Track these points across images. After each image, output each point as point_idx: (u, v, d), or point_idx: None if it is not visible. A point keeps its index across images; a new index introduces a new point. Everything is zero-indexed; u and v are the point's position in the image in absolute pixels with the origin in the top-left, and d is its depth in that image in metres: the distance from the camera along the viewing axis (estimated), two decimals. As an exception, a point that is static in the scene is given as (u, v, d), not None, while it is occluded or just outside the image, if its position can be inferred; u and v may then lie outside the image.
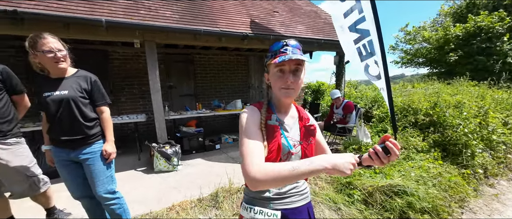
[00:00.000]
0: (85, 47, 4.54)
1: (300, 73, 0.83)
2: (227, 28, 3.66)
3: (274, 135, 0.83)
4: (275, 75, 0.83)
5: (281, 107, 0.92)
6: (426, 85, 6.20)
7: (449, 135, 3.47)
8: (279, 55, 0.80)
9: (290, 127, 0.91)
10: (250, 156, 0.73)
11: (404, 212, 2.31)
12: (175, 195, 2.70)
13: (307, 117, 0.98)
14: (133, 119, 3.95)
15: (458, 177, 2.85)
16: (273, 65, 0.82)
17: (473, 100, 4.32)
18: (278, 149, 0.81)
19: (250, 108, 0.89)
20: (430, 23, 12.90)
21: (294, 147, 0.87)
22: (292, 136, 0.89)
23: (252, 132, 0.80)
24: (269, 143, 0.81)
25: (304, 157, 0.87)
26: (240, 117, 0.87)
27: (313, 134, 0.95)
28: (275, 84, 0.84)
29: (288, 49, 0.82)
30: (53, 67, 1.56)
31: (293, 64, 0.81)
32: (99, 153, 1.72)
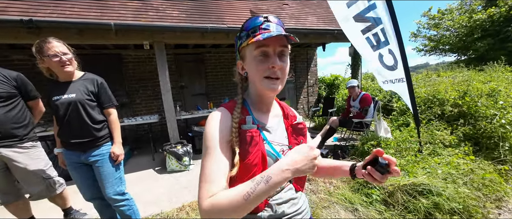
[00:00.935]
0: (100, 52, 4.72)
1: (286, 57, 0.66)
2: (234, 24, 3.59)
3: (254, 143, 0.64)
4: (255, 60, 0.64)
5: (261, 105, 0.73)
6: (453, 74, 5.68)
7: (482, 127, 3.12)
8: (261, 33, 0.62)
9: (274, 128, 0.73)
10: (204, 183, 0.59)
11: (430, 214, 2.09)
12: (185, 195, 2.70)
13: (293, 114, 0.81)
14: (146, 120, 4.03)
15: (494, 173, 2.54)
16: (253, 47, 0.63)
17: (510, 87, 3.86)
18: (262, 160, 0.64)
19: (216, 112, 0.68)
20: (457, 6, 11.83)
21: (283, 154, 0.70)
22: (278, 139, 0.71)
23: (213, 147, 0.62)
24: (249, 154, 0.62)
25: None
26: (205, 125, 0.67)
27: (303, 134, 0.77)
28: (255, 72, 0.65)
29: (271, 26, 0.63)
30: (60, 71, 1.59)
31: (279, 45, 0.63)
32: (107, 155, 1.73)
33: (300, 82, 6.85)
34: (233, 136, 0.63)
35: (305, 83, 6.93)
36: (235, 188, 0.56)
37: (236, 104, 0.69)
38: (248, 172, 0.62)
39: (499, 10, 8.80)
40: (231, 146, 0.64)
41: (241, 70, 0.71)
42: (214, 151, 0.62)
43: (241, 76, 0.72)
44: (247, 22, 0.66)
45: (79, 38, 3.01)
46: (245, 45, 0.65)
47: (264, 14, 0.66)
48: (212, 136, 0.63)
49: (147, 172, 3.56)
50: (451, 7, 11.82)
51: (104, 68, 4.79)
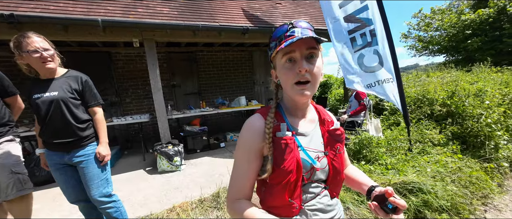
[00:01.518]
0: (89, 50, 4.58)
1: (316, 59, 0.64)
2: (226, 22, 3.54)
3: (288, 150, 0.64)
4: (284, 68, 0.64)
5: (296, 111, 0.73)
6: (442, 74, 5.81)
7: (469, 126, 3.20)
8: (286, 40, 0.62)
9: (309, 134, 0.72)
10: (230, 186, 0.71)
11: (420, 212, 2.12)
12: (176, 195, 2.65)
13: (330, 119, 0.79)
14: (136, 119, 3.94)
15: (481, 171, 2.61)
16: (280, 55, 0.64)
17: (496, 87, 3.97)
18: (297, 168, 0.64)
19: (251, 118, 0.70)
20: (446, 8, 12.13)
21: (318, 160, 0.69)
22: (313, 146, 0.71)
23: (241, 155, 0.69)
24: (284, 161, 0.64)
25: (332, 170, 0.71)
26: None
27: (340, 140, 0.75)
28: (285, 79, 0.65)
29: (296, 31, 0.63)
30: (40, 67, 1.51)
31: (306, 48, 0.62)
32: (93, 156, 1.67)
33: (293, 81, 6.86)
34: (266, 142, 0.65)
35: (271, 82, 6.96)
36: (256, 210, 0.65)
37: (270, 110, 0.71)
38: (283, 177, 0.64)
39: (488, 11, 9.05)
40: (263, 152, 0.68)
41: (275, 79, 0.73)
42: (242, 158, 0.69)
43: (275, 84, 0.75)
44: (275, 31, 0.68)
45: (64, 34, 2.90)
46: (274, 54, 0.67)
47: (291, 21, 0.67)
48: (243, 143, 0.69)
49: (137, 173, 3.48)
50: (441, 8, 12.12)
51: (93, 66, 4.65)
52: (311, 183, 0.70)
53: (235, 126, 6.04)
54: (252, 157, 0.67)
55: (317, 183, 0.71)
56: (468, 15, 9.69)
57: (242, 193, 0.69)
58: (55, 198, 2.71)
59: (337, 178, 0.73)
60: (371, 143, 2.91)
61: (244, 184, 0.68)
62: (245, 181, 0.68)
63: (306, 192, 0.69)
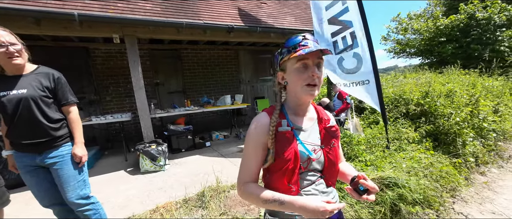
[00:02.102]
0: (64, 45, 4.32)
1: (321, 67, 0.79)
2: (211, 20, 3.50)
3: (288, 142, 0.77)
4: (296, 71, 0.77)
5: (298, 110, 0.85)
6: (417, 75, 6.17)
7: (441, 124, 3.44)
8: (301, 49, 0.74)
9: (307, 130, 0.84)
10: (240, 172, 0.83)
11: (396, 205, 2.25)
12: (160, 196, 2.59)
13: (327, 117, 0.90)
14: (117, 118, 3.79)
15: (450, 166, 2.82)
16: (294, 60, 0.76)
17: (464, 88, 4.30)
18: (295, 157, 0.76)
19: (258, 116, 0.84)
20: (421, 13, 12.87)
21: (314, 152, 0.81)
22: (311, 140, 0.82)
23: (249, 147, 0.81)
24: (284, 151, 0.76)
25: (327, 162, 0.82)
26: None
27: (336, 136, 0.87)
28: (296, 81, 0.77)
29: (309, 42, 0.76)
30: (6, 63, 1.41)
31: (317, 58, 0.76)
32: (68, 157, 1.59)
33: (279, 81, 6.94)
34: (270, 136, 0.77)
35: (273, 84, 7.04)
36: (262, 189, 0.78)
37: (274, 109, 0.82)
38: (283, 165, 0.76)
39: (460, 17, 9.69)
40: (267, 145, 0.79)
41: (282, 80, 0.84)
42: (250, 149, 0.81)
43: (280, 85, 0.85)
44: (287, 41, 0.80)
45: (36, 28, 2.72)
46: (286, 59, 0.78)
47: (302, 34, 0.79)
48: (251, 137, 0.81)
49: (118, 174, 3.35)
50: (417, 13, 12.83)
51: (69, 62, 4.40)
52: (308, 172, 0.81)
53: (221, 125, 6.00)
54: (258, 148, 0.80)
55: (313, 172, 0.82)
56: (441, 20, 10.32)
57: (250, 178, 0.81)
58: (27, 202, 2.55)
59: (332, 169, 0.84)
60: (351, 141, 3.03)
61: (252, 170, 0.81)
62: (252, 167, 0.81)
63: (304, 179, 0.81)
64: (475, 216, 2.35)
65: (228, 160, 3.63)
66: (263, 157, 0.81)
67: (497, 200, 2.65)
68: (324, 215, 0.69)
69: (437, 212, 2.36)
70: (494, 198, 2.68)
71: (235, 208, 2.30)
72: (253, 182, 0.82)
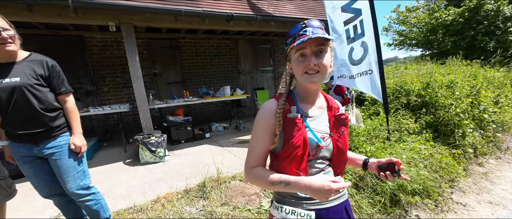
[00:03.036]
0: (58, 33, 4.20)
1: (324, 54, 0.76)
2: (210, 8, 3.40)
3: (297, 128, 0.77)
4: (296, 61, 0.77)
5: (307, 97, 0.85)
6: (418, 66, 6.12)
7: (441, 115, 3.43)
8: (299, 38, 0.74)
9: (317, 118, 0.84)
10: (248, 156, 0.85)
11: (395, 195, 2.27)
12: (161, 186, 2.59)
13: (336, 106, 0.91)
14: (115, 109, 3.74)
15: (449, 157, 2.83)
16: (294, 51, 0.77)
17: (465, 79, 4.27)
18: (304, 144, 0.77)
19: (266, 103, 0.84)
20: (423, 3, 12.63)
21: (323, 140, 0.81)
22: (320, 128, 0.83)
23: (257, 131, 0.83)
24: (293, 137, 0.77)
25: (336, 150, 0.82)
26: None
27: (345, 124, 0.87)
28: (297, 70, 0.78)
29: (308, 30, 0.74)
30: None
31: (315, 45, 0.74)
32: (66, 147, 1.56)
33: (278, 72, 6.86)
34: (277, 120, 0.78)
35: (284, 73, 6.98)
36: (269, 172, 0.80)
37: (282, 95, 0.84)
38: (291, 151, 0.77)
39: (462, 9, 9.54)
40: (274, 130, 0.80)
41: (290, 70, 0.85)
42: (258, 134, 0.82)
43: (290, 74, 0.88)
44: (291, 29, 0.80)
45: (29, 14, 2.62)
46: (289, 49, 0.79)
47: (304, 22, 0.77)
48: (258, 121, 0.82)
49: (118, 165, 3.35)
50: (418, 4, 12.60)
51: (64, 51, 4.30)
52: (316, 160, 0.81)
53: (221, 116, 5.98)
54: (265, 133, 0.81)
55: (322, 160, 0.82)
56: (441, 12, 10.16)
57: (257, 162, 0.83)
58: (26, 192, 2.54)
59: (341, 157, 0.84)
60: (351, 132, 3.02)
61: (259, 154, 0.83)
62: (260, 152, 0.83)
63: (312, 167, 0.81)
64: (473, 206, 2.38)
65: (228, 151, 3.62)
66: (270, 141, 0.81)
67: (494, 190, 2.69)
68: (329, 193, 0.70)
69: (436, 202, 2.39)
70: (491, 188, 2.71)
71: (236, 198, 2.31)
72: (260, 166, 0.83)
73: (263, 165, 0.85)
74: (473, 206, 2.39)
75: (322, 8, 5.18)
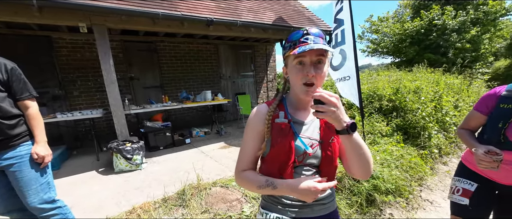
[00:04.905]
0: (21, 32, 3.86)
1: (323, 65, 0.74)
2: (189, 12, 3.35)
3: (283, 135, 0.78)
4: (294, 69, 0.75)
5: (298, 104, 0.85)
6: (389, 73, 6.56)
7: (409, 118, 3.70)
8: (299, 46, 0.72)
9: (307, 124, 0.83)
10: (238, 159, 0.86)
11: (371, 195, 2.39)
12: (137, 196, 2.46)
13: None
14: (87, 115, 3.50)
15: (418, 157, 3.05)
16: (292, 57, 0.74)
17: (429, 86, 4.66)
18: (289, 150, 0.76)
19: (257, 107, 0.85)
20: (392, 14, 13.66)
21: (311, 147, 0.80)
22: (309, 134, 0.81)
23: (247, 135, 0.83)
24: (278, 143, 0.77)
25: (325, 158, 0.80)
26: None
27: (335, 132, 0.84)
28: (294, 79, 0.76)
29: (310, 38, 0.73)
30: None
31: (315, 55, 0.72)
32: (27, 157, 1.43)
33: (259, 77, 6.93)
34: (266, 125, 0.79)
35: (265, 78, 7.06)
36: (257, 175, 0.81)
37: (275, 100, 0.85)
38: (276, 156, 0.78)
39: (421, 23, 10.49)
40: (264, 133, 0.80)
41: (285, 74, 0.85)
42: (248, 137, 0.83)
43: (285, 79, 0.87)
44: (290, 34, 0.77)
45: (-14, 12, 2.39)
46: (287, 54, 0.77)
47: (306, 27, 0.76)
48: (249, 124, 0.83)
49: (90, 174, 3.12)
50: (388, 15, 13.60)
51: (28, 53, 3.95)
52: (303, 166, 0.80)
53: (202, 122, 5.86)
54: (255, 136, 0.82)
55: (309, 167, 0.81)
56: (408, 24, 11.10)
57: (247, 165, 0.84)
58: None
59: (329, 164, 0.82)
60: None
61: (249, 158, 0.83)
62: (250, 155, 0.83)
63: (298, 173, 0.80)
64: (439, 202, 2.57)
65: (209, 157, 3.55)
66: (260, 145, 0.82)
67: (456, 186, 2.93)
68: (315, 194, 0.71)
69: (407, 200, 2.55)
70: (454, 185, 2.96)
71: (217, 205, 2.26)
72: (250, 170, 0.84)
73: (253, 169, 0.85)
74: (439, 202, 2.58)
75: (300, 16, 5.37)
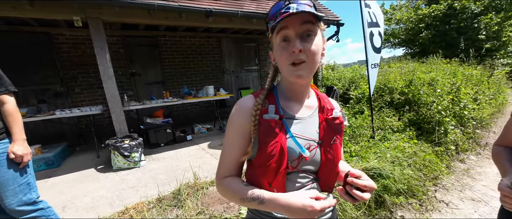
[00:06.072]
0: (21, 29, 3.84)
1: (313, 37, 0.58)
2: (187, 3, 3.20)
3: (273, 134, 0.61)
4: (279, 48, 0.60)
5: (291, 94, 0.68)
6: (401, 65, 6.21)
7: (424, 113, 3.43)
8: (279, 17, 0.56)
9: (303, 121, 0.67)
10: (219, 163, 0.70)
11: (380, 196, 2.19)
12: (132, 195, 2.37)
13: (330, 106, 0.71)
14: (86, 112, 3.45)
15: (432, 155, 2.81)
16: (275, 34, 0.60)
17: (446, 77, 4.33)
18: (281, 153, 0.61)
19: (242, 99, 0.68)
20: (405, 3, 13.02)
21: (309, 150, 0.64)
22: (306, 134, 0.65)
23: (229, 135, 0.67)
24: (267, 145, 0.60)
25: (325, 163, 0.66)
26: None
27: (339, 131, 0.69)
28: (280, 60, 0.61)
29: (292, 7, 0.57)
30: None
31: (299, 23, 0.57)
32: (4, 156, 1.33)
33: (264, 71, 6.74)
34: (252, 122, 0.63)
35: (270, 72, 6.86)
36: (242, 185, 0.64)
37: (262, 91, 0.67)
38: (265, 161, 0.61)
39: (439, 7, 9.91)
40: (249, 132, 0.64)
41: (273, 61, 0.69)
42: (230, 137, 0.67)
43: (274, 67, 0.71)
44: (271, 9, 0.62)
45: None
46: (271, 34, 0.63)
47: None
48: (232, 123, 0.66)
49: (87, 172, 3.07)
50: (400, 3, 12.98)
51: (28, 50, 3.93)
52: (298, 173, 0.66)
53: (204, 118, 5.77)
54: (239, 136, 0.65)
55: (305, 174, 0.66)
56: (424, 10, 10.53)
57: (229, 171, 0.68)
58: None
59: (330, 171, 0.68)
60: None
61: (232, 162, 0.67)
62: (232, 159, 0.67)
63: (292, 181, 0.65)
64: (456, 204, 2.35)
65: (210, 154, 3.44)
66: (245, 147, 0.66)
67: (475, 186, 2.68)
68: (312, 215, 0.55)
69: (420, 201, 2.33)
70: (473, 185, 2.71)
71: (213, 206, 2.14)
72: (233, 176, 0.68)
73: (238, 174, 0.69)
74: (456, 204, 2.36)
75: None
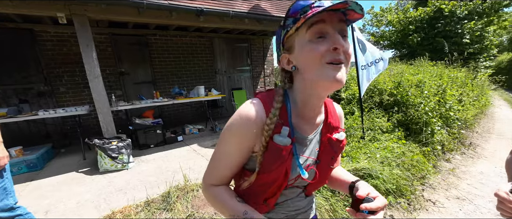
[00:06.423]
0: (4, 25, 3.65)
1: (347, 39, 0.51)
2: (177, 1, 3.14)
3: (281, 158, 0.55)
4: (310, 45, 0.49)
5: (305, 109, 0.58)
6: (390, 67, 6.35)
7: (411, 113, 3.51)
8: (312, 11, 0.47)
9: (309, 140, 0.61)
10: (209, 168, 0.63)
11: (370, 196, 2.22)
12: (119, 199, 2.30)
13: (336, 123, 0.65)
14: (71, 112, 3.32)
15: (420, 155, 2.88)
16: (304, 30, 0.50)
17: (432, 79, 4.46)
18: (284, 177, 0.58)
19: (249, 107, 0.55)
20: (394, 6, 13.34)
21: (307, 170, 0.61)
22: (307, 153, 0.61)
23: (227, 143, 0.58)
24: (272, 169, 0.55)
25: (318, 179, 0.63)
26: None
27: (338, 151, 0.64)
28: (312, 58, 0.50)
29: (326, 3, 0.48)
30: None
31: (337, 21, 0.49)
32: (-22, 161, 1.25)
33: (256, 71, 6.73)
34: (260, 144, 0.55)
35: (262, 73, 6.85)
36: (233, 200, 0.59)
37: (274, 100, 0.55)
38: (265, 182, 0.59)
39: (427, 10, 10.20)
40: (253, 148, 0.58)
41: (287, 65, 0.56)
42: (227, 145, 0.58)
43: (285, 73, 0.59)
44: (292, 6, 0.52)
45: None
46: (292, 32, 0.52)
47: None
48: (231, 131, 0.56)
49: (73, 175, 2.96)
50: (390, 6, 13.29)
51: (10, 47, 3.75)
52: (291, 188, 0.66)
53: (196, 118, 5.69)
54: (240, 150, 0.58)
55: (297, 188, 0.67)
56: (412, 13, 10.82)
57: (220, 181, 0.63)
58: None
59: (319, 184, 0.69)
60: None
61: (225, 172, 0.61)
62: (225, 172, 0.61)
63: (284, 195, 0.66)
64: (442, 202, 2.41)
65: (201, 155, 3.39)
66: (244, 160, 0.60)
67: (460, 185, 2.77)
68: None
69: (408, 200, 2.38)
70: (458, 184, 2.80)
71: (203, 208, 2.10)
72: (223, 186, 0.63)
73: (227, 184, 0.65)
74: (442, 202, 2.42)
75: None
